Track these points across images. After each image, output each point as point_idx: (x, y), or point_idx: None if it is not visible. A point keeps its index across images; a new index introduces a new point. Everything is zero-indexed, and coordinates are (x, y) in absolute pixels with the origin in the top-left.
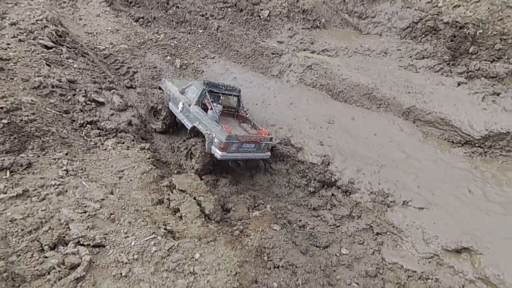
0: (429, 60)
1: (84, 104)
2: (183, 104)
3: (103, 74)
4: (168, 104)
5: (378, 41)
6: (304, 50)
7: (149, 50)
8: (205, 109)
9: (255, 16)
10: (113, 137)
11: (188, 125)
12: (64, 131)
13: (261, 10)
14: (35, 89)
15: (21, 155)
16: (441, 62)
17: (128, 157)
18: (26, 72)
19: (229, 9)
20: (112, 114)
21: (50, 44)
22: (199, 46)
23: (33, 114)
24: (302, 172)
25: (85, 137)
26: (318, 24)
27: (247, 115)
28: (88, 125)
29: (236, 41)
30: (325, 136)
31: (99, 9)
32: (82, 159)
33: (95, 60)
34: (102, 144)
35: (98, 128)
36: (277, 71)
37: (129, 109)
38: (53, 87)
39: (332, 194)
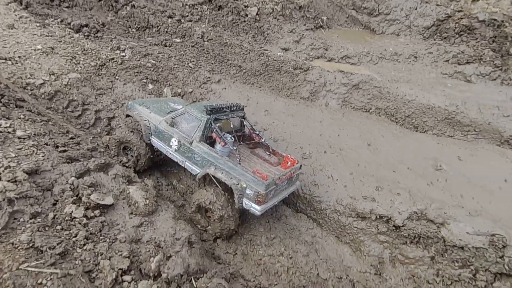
0: (479, 66)
1: (84, 221)
2: (179, 141)
3: (71, 137)
4: (149, 139)
5: (400, 43)
6: (318, 58)
7: (116, 77)
8: (210, 142)
9: (242, 15)
10: None
11: (195, 171)
12: None
13: (246, 7)
14: None
15: None
16: (495, 69)
17: None
18: None
19: (205, 7)
20: (141, 225)
21: None
22: (190, 65)
23: None
24: (462, 261)
25: None
26: (321, 23)
27: (262, 139)
28: (127, 278)
29: (235, 52)
30: (456, 195)
31: (9, 16)
32: None
33: (40, 109)
34: None
35: (146, 276)
36: (307, 93)
37: (162, 204)
38: (10, 202)
39: None
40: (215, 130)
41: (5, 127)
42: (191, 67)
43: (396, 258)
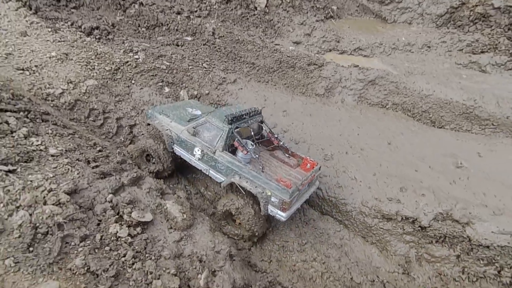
0: (494, 55)
1: (129, 239)
2: (202, 151)
3: (99, 149)
4: (172, 148)
5: (413, 32)
6: (330, 50)
7: (132, 82)
8: (232, 150)
9: (251, 8)
10: None
11: (220, 179)
12: None
13: None
14: None
15: None
16: (511, 58)
17: None
18: None
19: (213, 1)
20: (181, 240)
21: None
22: (204, 65)
23: None
24: (487, 259)
25: None
26: (331, 13)
27: (280, 142)
28: None
29: (247, 49)
30: (479, 193)
31: (20, 23)
32: None
33: (64, 121)
34: None
35: None
36: (322, 89)
37: (198, 216)
38: (59, 227)
39: None
40: (237, 139)
41: (37, 145)
42: (205, 68)
43: (422, 257)
